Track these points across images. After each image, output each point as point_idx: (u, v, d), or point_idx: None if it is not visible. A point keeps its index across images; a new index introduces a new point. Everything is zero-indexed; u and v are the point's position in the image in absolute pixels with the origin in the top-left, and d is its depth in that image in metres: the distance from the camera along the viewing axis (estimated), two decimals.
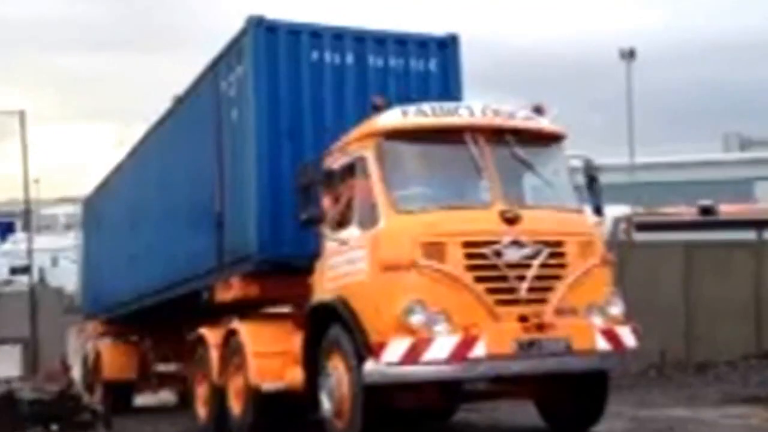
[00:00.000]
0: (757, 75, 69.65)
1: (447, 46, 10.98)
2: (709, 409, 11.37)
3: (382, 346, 7.89)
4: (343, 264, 8.67)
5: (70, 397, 15.74)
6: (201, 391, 11.78)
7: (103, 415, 15.18)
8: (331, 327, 8.63)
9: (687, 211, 25.56)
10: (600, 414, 8.97)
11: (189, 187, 12.53)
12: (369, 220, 8.43)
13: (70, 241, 39.39)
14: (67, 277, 34.25)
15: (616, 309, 8.50)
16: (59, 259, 34.72)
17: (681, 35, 76.70)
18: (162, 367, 16.00)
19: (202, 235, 11.82)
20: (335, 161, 9.08)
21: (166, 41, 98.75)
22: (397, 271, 8.04)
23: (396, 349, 7.82)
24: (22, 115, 25.18)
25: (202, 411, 11.76)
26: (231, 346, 10.70)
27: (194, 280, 12.11)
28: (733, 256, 17.57)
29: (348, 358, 8.32)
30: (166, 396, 17.09)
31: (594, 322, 8.29)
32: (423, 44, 10.90)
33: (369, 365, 7.97)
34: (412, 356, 7.78)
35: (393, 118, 8.70)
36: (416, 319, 7.84)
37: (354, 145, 8.88)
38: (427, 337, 7.78)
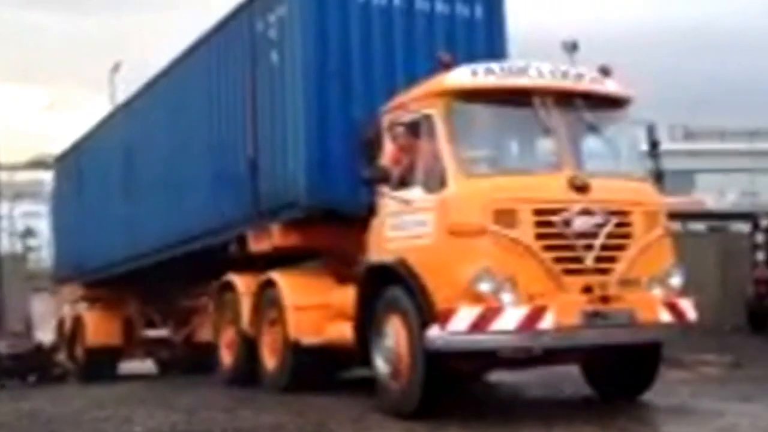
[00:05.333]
0: (705, 66, 69.07)
1: None
2: None
3: (449, 313, 7.71)
4: (405, 225, 8.43)
5: (44, 353, 16.25)
6: (227, 337, 11.58)
7: (74, 370, 15.52)
8: (389, 288, 8.44)
9: None
10: (651, 383, 8.95)
11: (212, 135, 11.95)
12: (435, 182, 8.17)
13: (4, 209, 39.32)
14: None
15: (677, 281, 8.42)
16: None
17: (628, 25, 75.41)
18: (150, 333, 15.54)
19: (228, 183, 11.36)
20: (398, 117, 8.75)
21: (100, 3, 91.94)
22: (466, 237, 7.84)
23: (465, 317, 7.65)
24: None
25: (226, 356, 11.60)
26: (267, 298, 10.48)
27: (219, 231, 11.55)
28: None
29: (409, 322, 8.14)
30: (150, 365, 16.64)
31: (656, 294, 8.22)
32: None
33: (433, 331, 7.80)
34: (480, 325, 7.62)
35: (462, 77, 8.36)
36: (485, 286, 7.66)
37: (419, 102, 8.54)
38: (496, 307, 7.63)
